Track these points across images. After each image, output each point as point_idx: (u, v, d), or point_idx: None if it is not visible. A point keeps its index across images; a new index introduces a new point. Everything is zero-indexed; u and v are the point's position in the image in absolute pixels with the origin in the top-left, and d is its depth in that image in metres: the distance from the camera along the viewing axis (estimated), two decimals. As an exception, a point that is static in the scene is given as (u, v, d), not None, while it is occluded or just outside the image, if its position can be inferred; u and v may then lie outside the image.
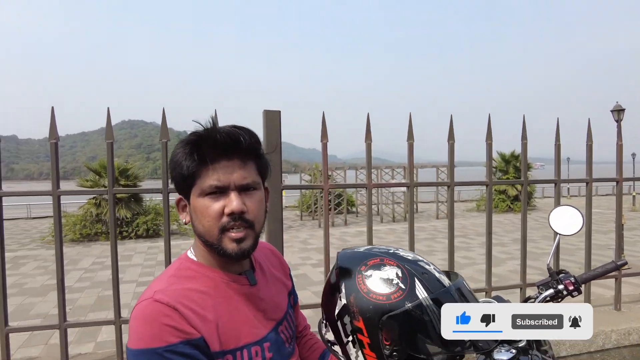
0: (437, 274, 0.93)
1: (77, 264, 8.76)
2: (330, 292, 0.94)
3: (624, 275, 2.51)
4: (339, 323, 0.90)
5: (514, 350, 1.21)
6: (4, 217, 1.62)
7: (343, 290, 0.90)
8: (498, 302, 1.31)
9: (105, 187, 9.95)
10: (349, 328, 0.88)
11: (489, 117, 2.26)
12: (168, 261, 1.72)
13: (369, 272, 0.89)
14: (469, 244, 10.09)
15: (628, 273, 2.64)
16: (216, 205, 0.84)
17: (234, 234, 0.84)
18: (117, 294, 1.78)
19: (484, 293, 2.18)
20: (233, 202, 0.83)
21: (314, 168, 19.09)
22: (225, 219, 0.84)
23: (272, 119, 1.76)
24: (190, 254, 0.94)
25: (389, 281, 0.87)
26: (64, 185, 1.70)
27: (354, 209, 19.21)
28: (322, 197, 14.41)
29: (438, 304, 0.87)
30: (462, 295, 0.95)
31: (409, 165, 1.96)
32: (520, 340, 1.23)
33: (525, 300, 1.40)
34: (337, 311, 0.90)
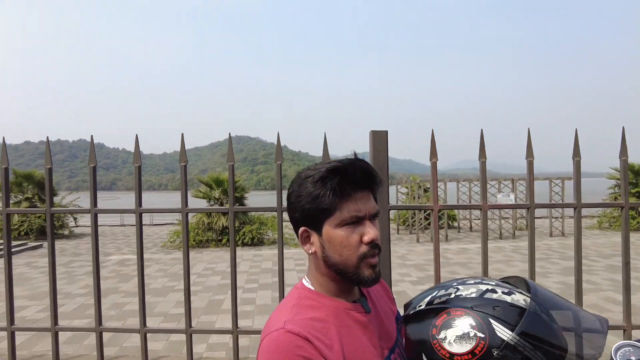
0: (508, 299, 0.87)
1: (191, 269, 9.62)
2: (414, 356, 0.93)
3: None
4: None
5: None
6: (141, 228, 1.84)
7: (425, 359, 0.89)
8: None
9: (217, 198, 10.80)
10: None
11: (623, 131, 1.98)
12: (281, 275, 1.80)
13: (442, 335, 0.86)
14: (592, 266, 8.97)
15: None
16: (355, 235, 0.87)
17: (372, 261, 0.88)
18: (235, 303, 1.90)
19: (622, 332, 1.91)
20: (371, 231, 0.88)
21: (411, 180, 18.62)
22: (364, 247, 0.87)
23: (379, 139, 1.75)
24: (307, 283, 0.96)
25: (466, 336, 0.83)
26: (177, 195, 1.89)
27: (455, 224, 18.29)
28: (420, 211, 13.89)
29: (526, 336, 0.81)
30: (545, 309, 0.87)
31: (529, 184, 1.80)
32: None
33: None
34: None
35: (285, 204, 1.03)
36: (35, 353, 3.91)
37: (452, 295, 0.92)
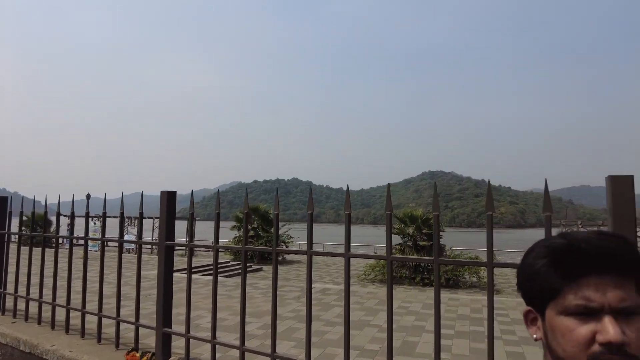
0: None
1: (385, 305, 9.71)
2: None
3: None
4: None
5: None
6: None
7: None
8: None
9: (410, 235, 10.77)
10: None
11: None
12: (491, 332, 1.61)
13: None
14: None
15: None
16: (584, 330, 0.69)
17: None
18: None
19: None
20: (610, 330, 0.67)
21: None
22: (597, 347, 0.68)
23: (622, 186, 1.41)
24: None
25: None
26: (374, 228, 1.93)
27: None
28: None
29: None
30: None
31: None
32: None
33: None
34: None
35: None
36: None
37: None
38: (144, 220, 2.71)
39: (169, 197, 2.49)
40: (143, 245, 2.72)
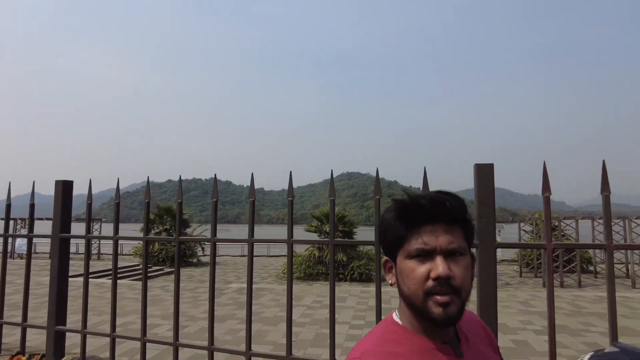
0: None
1: (301, 300, 9.88)
2: None
3: None
4: None
5: None
6: (254, 255, 2.00)
7: None
8: None
9: (327, 232, 11.12)
10: None
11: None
12: (379, 311, 1.78)
13: None
14: None
15: None
16: (422, 269, 0.84)
17: (439, 298, 0.83)
18: (332, 337, 1.93)
19: None
20: (439, 266, 0.83)
21: (536, 217, 16.92)
22: (430, 282, 0.83)
23: (485, 173, 1.68)
24: (396, 317, 0.95)
25: None
26: (295, 229, 2.01)
27: (591, 268, 15.98)
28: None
29: None
30: None
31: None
32: None
33: None
34: None
35: None
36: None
37: None
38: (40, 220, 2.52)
39: (64, 187, 2.35)
40: (42, 250, 2.53)
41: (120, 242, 2.29)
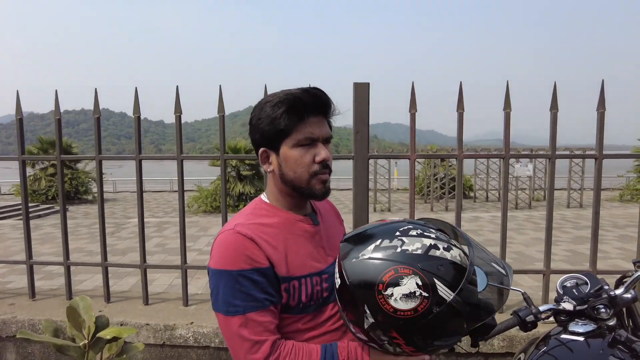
0: (449, 257, 0.89)
1: (207, 231, 9.97)
2: (352, 304, 0.92)
3: None
4: (371, 334, 0.91)
5: (593, 325, 1.15)
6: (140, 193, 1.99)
7: (367, 310, 0.88)
8: (589, 279, 1.26)
9: (233, 166, 11.02)
10: (381, 335, 0.90)
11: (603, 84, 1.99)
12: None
13: (389, 292, 0.86)
14: (604, 236, 8.94)
15: None
16: (309, 155, 1.00)
17: (322, 177, 1.01)
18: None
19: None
20: (323, 152, 1.00)
21: (428, 149, 18.51)
22: (316, 166, 1.00)
23: (361, 90, 1.84)
24: (264, 197, 1.11)
25: (412, 295, 0.84)
26: (196, 165, 2.03)
27: (472, 194, 18.23)
28: (435, 179, 13.80)
29: (463, 295, 0.85)
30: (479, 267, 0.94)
31: (505, 137, 1.86)
32: (609, 319, 1.16)
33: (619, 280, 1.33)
34: (366, 326, 0.90)
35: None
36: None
37: (398, 250, 0.90)
38: None
39: None
40: None
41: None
